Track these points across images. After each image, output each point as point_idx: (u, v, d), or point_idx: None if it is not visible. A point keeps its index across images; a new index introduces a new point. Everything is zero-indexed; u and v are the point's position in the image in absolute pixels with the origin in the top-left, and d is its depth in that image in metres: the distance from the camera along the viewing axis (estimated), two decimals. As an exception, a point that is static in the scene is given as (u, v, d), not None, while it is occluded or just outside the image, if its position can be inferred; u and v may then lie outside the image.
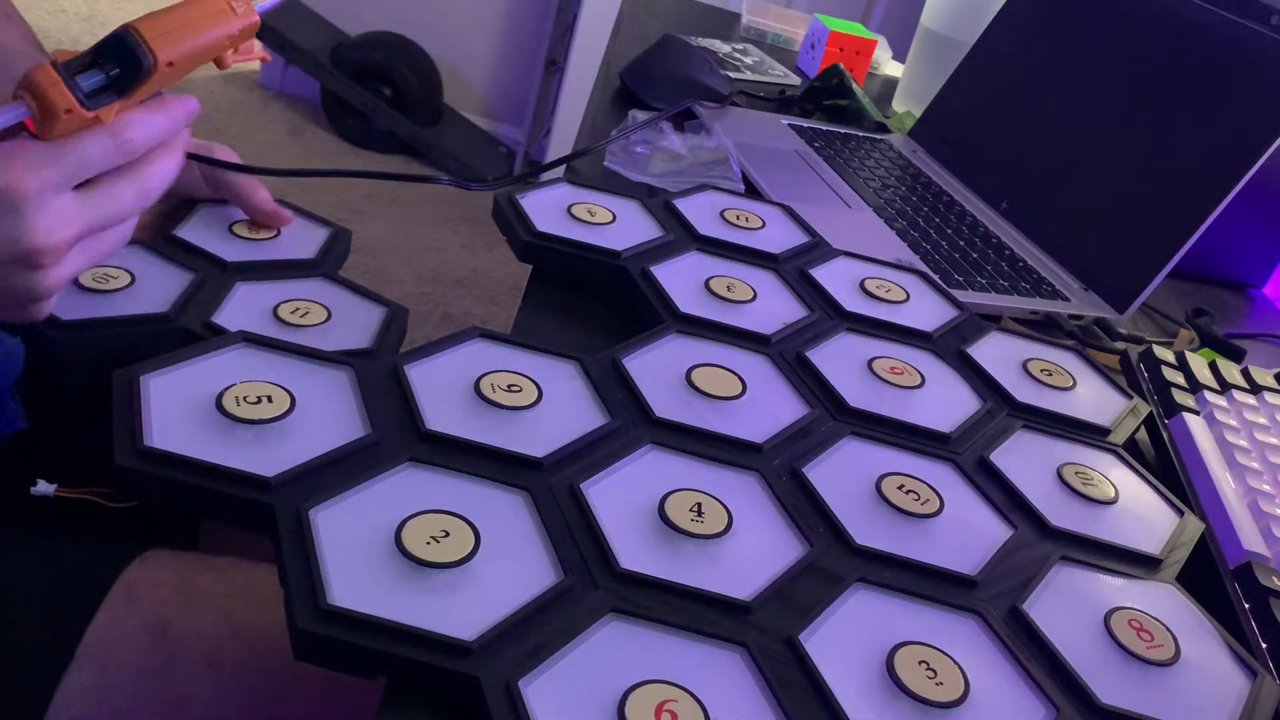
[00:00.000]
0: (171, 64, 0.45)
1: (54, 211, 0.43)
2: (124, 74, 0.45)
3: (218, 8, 0.48)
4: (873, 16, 2.55)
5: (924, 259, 0.81)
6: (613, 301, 0.65)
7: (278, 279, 0.60)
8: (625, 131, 0.87)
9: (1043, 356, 0.66)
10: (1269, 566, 0.52)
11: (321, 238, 0.65)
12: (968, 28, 1.14)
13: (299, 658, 0.37)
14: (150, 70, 0.45)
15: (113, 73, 0.45)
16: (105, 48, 0.45)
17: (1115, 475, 0.56)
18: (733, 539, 0.45)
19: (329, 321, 0.56)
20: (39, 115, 0.43)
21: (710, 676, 0.39)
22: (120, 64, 0.45)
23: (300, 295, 0.58)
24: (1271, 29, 0.83)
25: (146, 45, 0.45)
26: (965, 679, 0.41)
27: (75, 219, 0.44)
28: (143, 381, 0.46)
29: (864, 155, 1.02)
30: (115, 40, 0.45)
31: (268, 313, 0.56)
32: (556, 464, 0.47)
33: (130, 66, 0.45)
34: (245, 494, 0.42)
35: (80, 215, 0.45)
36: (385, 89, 2.55)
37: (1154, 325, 0.88)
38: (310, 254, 0.63)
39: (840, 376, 0.58)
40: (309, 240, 0.64)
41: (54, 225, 0.43)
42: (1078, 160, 0.92)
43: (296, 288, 0.59)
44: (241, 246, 0.62)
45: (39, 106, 0.43)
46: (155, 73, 0.45)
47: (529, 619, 0.39)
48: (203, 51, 0.47)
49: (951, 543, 0.48)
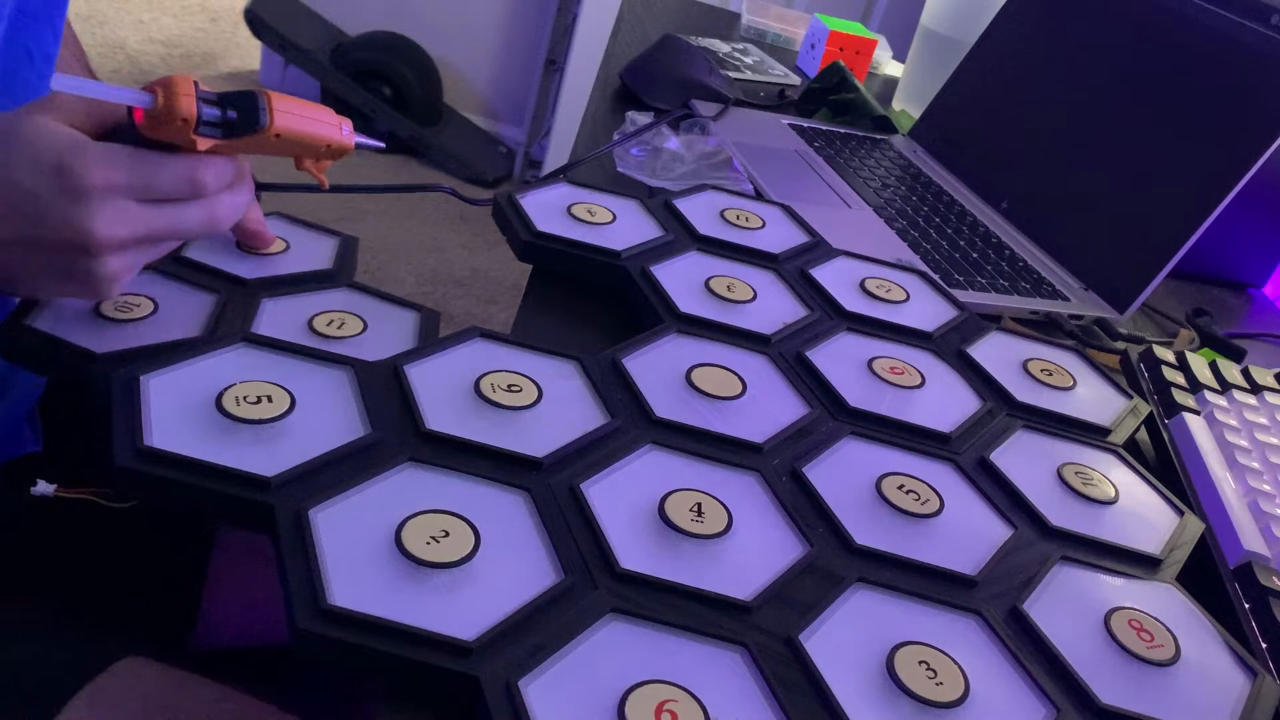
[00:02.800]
0: (278, 135, 0.50)
1: (114, 210, 0.46)
2: (238, 122, 0.49)
3: (332, 120, 0.53)
4: (873, 16, 2.55)
5: (924, 259, 0.81)
6: (613, 301, 0.65)
7: (302, 292, 0.59)
8: (627, 135, 0.87)
9: (1043, 356, 0.66)
10: (1269, 566, 0.53)
11: (332, 247, 0.64)
12: (968, 28, 1.14)
13: (299, 658, 0.37)
14: (260, 130, 0.49)
15: (229, 116, 0.48)
16: (234, 96, 0.49)
17: (1115, 475, 0.56)
18: (733, 539, 0.45)
19: (366, 331, 0.56)
20: (159, 111, 0.46)
21: (710, 676, 0.39)
22: (240, 113, 0.49)
23: (330, 306, 0.57)
24: (1271, 29, 0.83)
25: (270, 110, 0.49)
26: (965, 679, 0.41)
27: (135, 223, 0.47)
28: (143, 381, 0.46)
29: (864, 155, 1.02)
30: (246, 94, 0.49)
31: (303, 327, 0.56)
32: (556, 464, 0.47)
33: (247, 119, 0.49)
34: (245, 494, 0.42)
35: (141, 221, 0.47)
36: (385, 89, 2.55)
37: (1154, 325, 0.88)
38: (327, 264, 0.62)
39: (840, 376, 0.58)
40: (320, 251, 0.64)
41: (112, 222, 0.46)
42: (1078, 160, 0.92)
43: (324, 299, 0.59)
44: (255, 263, 0.61)
45: (164, 104, 0.46)
46: (262, 135, 0.49)
47: (529, 619, 0.39)
48: (303, 140, 0.51)
49: (951, 543, 0.48)
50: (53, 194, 0.46)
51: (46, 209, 0.46)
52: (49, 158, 0.46)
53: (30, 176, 0.46)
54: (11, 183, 0.46)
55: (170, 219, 0.49)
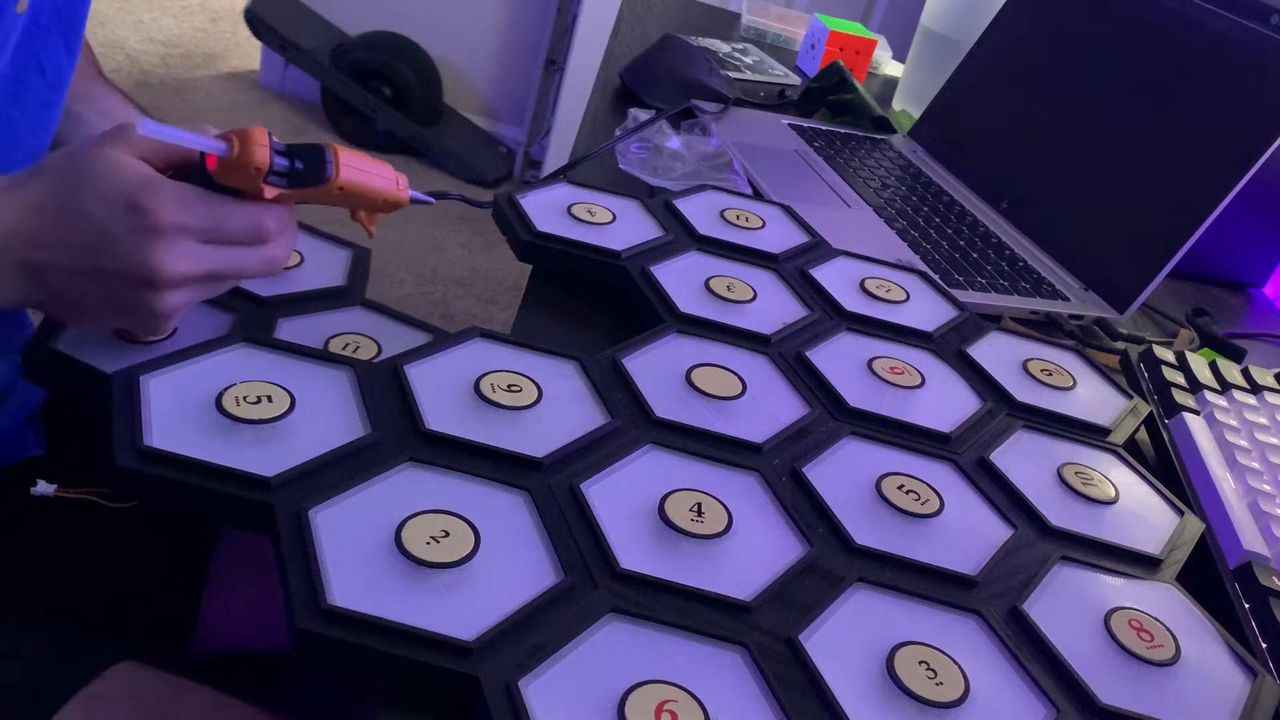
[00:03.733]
0: (340, 189, 0.52)
1: (181, 249, 0.48)
2: (305, 173, 0.51)
3: (391, 175, 0.55)
4: (873, 16, 2.54)
5: (924, 259, 0.81)
6: (613, 301, 0.65)
7: (317, 311, 0.59)
8: (629, 132, 0.87)
9: (1043, 356, 0.66)
10: (1269, 566, 0.53)
11: (344, 260, 0.64)
12: (968, 28, 1.14)
13: (299, 658, 0.37)
14: (324, 183, 0.51)
15: (297, 167, 0.50)
16: (302, 148, 0.51)
17: (1115, 475, 0.56)
18: (733, 539, 0.45)
19: (381, 354, 0.56)
20: (234, 160, 0.48)
21: (710, 676, 0.39)
22: (307, 165, 0.51)
23: (345, 328, 0.58)
24: (1271, 29, 0.83)
25: (336, 164, 0.51)
26: (965, 679, 0.41)
27: (197, 262, 0.49)
28: (142, 381, 0.46)
29: (864, 155, 1.02)
30: (314, 147, 0.51)
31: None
32: (556, 464, 0.47)
33: (314, 171, 0.51)
34: (245, 494, 0.42)
35: (205, 261, 0.49)
36: (385, 89, 2.55)
37: (1154, 325, 0.88)
38: (340, 280, 0.62)
39: (840, 376, 0.58)
40: (332, 264, 0.63)
41: (177, 260, 0.48)
42: (1078, 160, 0.92)
43: (339, 320, 0.59)
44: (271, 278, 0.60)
45: (239, 153, 0.48)
46: (326, 187, 0.51)
47: (529, 619, 0.39)
48: (362, 194, 0.53)
49: (951, 543, 0.48)
50: (124, 229, 0.47)
51: (117, 243, 0.47)
52: (123, 193, 0.47)
53: (103, 210, 0.47)
54: (84, 214, 0.47)
55: (232, 261, 0.50)
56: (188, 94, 2.64)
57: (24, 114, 0.60)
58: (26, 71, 0.60)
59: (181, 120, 0.71)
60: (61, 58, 0.62)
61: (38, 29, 0.59)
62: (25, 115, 0.60)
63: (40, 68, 0.60)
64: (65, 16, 0.61)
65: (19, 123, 0.60)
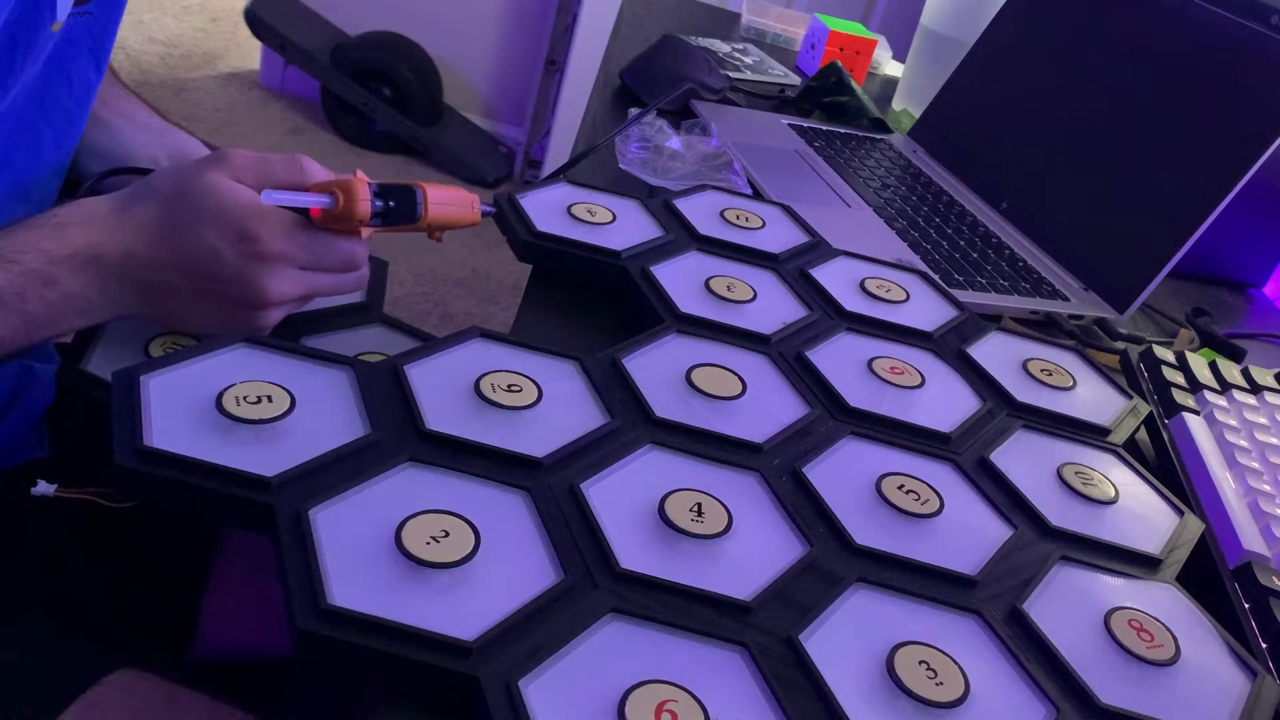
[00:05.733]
0: (429, 225, 0.57)
1: (285, 275, 0.54)
2: (396, 213, 0.56)
3: (469, 201, 0.59)
4: (873, 16, 2.54)
5: (924, 259, 0.81)
6: (613, 301, 0.65)
7: (338, 329, 0.61)
8: (628, 125, 0.87)
9: (1043, 356, 0.66)
10: (1269, 566, 0.52)
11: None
12: (968, 28, 1.14)
13: (299, 658, 0.37)
14: (414, 222, 0.56)
15: (391, 207, 0.55)
16: (395, 189, 0.56)
17: (1115, 475, 0.56)
18: (733, 539, 0.45)
19: None
20: (339, 211, 0.54)
21: (710, 676, 0.39)
22: (399, 205, 0.56)
23: (366, 347, 0.60)
24: (1271, 29, 0.83)
25: (425, 205, 0.56)
26: (965, 679, 0.41)
27: (299, 287, 0.55)
28: (142, 381, 0.46)
29: (864, 155, 1.02)
30: (406, 189, 0.56)
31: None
32: (556, 464, 0.47)
33: (405, 212, 0.56)
34: (245, 494, 0.42)
35: (304, 286, 0.55)
36: (385, 89, 2.54)
37: (1154, 325, 0.88)
38: (360, 296, 0.64)
39: (840, 376, 0.58)
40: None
41: (281, 284, 0.54)
42: (1078, 160, 0.92)
43: (360, 339, 0.61)
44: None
45: (344, 206, 0.54)
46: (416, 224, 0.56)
47: (529, 619, 0.39)
48: (444, 223, 0.58)
49: (951, 543, 0.48)
50: (235, 254, 0.52)
51: (227, 266, 0.52)
52: (234, 220, 0.52)
53: (216, 235, 0.52)
54: (197, 237, 0.52)
55: (326, 284, 0.57)
56: (187, 94, 2.64)
57: (51, 128, 0.61)
58: (55, 86, 0.60)
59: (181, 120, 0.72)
60: (90, 74, 0.63)
61: (69, 46, 0.60)
62: (52, 129, 0.61)
63: (69, 82, 0.61)
64: (96, 35, 0.62)
65: (45, 136, 0.61)
